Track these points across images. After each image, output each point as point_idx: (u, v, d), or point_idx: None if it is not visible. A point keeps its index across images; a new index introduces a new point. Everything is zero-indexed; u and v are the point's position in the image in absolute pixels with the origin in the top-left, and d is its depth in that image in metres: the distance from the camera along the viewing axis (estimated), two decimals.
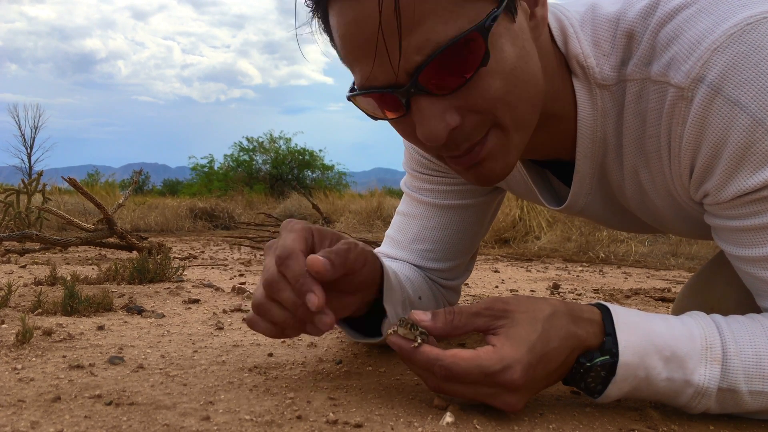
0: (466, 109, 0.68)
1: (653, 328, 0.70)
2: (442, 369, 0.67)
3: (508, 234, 4.95)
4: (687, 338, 0.70)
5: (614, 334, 0.69)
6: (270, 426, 0.67)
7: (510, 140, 0.72)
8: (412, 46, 0.63)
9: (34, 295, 1.46)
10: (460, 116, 0.68)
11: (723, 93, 0.67)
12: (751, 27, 0.66)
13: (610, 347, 0.69)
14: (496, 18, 0.64)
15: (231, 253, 3.47)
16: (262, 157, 20.02)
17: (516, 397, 0.68)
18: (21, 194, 3.96)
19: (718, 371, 0.68)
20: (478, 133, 0.71)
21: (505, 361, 0.66)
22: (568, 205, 0.90)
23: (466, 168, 0.75)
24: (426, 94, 0.67)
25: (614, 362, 0.68)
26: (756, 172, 0.67)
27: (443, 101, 0.67)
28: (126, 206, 6.59)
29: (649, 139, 0.76)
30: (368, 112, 0.74)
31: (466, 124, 0.69)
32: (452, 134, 0.69)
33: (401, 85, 0.66)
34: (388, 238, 1.12)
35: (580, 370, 0.70)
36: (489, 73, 0.66)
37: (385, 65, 0.65)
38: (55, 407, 0.70)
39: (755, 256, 0.72)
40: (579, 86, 0.78)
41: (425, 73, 0.65)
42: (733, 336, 0.70)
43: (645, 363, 0.68)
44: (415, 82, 0.65)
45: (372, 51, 0.65)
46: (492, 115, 0.69)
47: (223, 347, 1.06)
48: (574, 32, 0.77)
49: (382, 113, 0.72)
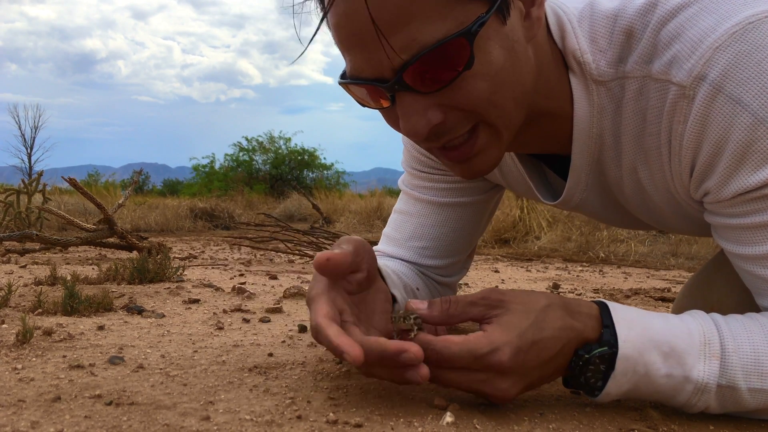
0: (449, 106, 0.70)
1: (651, 324, 0.71)
2: (433, 353, 0.68)
3: (508, 234, 4.95)
4: (685, 334, 0.70)
5: (612, 326, 0.70)
6: (270, 426, 0.67)
7: (499, 137, 0.74)
8: (398, 45, 0.64)
9: (34, 295, 1.46)
10: (442, 113, 0.70)
11: (725, 91, 0.67)
12: (753, 26, 0.66)
13: (609, 339, 0.69)
14: (484, 23, 0.65)
15: (231, 253, 3.47)
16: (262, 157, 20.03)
17: (507, 382, 0.69)
18: (21, 194, 3.96)
19: (716, 367, 0.68)
20: (460, 128, 0.72)
21: (494, 344, 0.67)
22: (564, 199, 0.90)
23: (454, 162, 0.77)
24: (410, 90, 0.68)
25: (613, 353, 0.69)
26: (757, 170, 0.67)
27: (427, 98, 0.68)
28: (126, 206, 6.59)
29: (648, 136, 0.76)
30: (357, 99, 0.75)
31: (449, 120, 0.71)
32: (434, 129, 0.71)
33: (387, 79, 0.67)
34: (385, 236, 1.12)
35: (579, 363, 0.70)
36: (474, 75, 0.67)
37: (372, 60, 0.66)
38: (55, 407, 0.70)
39: (755, 254, 0.72)
40: (575, 82, 0.78)
41: (410, 71, 0.66)
42: (731, 333, 0.70)
43: (644, 358, 0.68)
44: (400, 78, 0.66)
45: (360, 45, 0.66)
46: (476, 114, 0.70)
47: (223, 347, 1.06)
48: (571, 28, 0.77)
49: (369, 102, 0.73)
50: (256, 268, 2.62)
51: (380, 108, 0.74)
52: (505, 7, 0.67)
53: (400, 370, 0.68)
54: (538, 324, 0.69)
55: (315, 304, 0.73)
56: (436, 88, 0.67)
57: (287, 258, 3.30)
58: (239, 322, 1.33)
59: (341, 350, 0.66)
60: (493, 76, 0.68)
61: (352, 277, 0.78)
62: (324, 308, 0.72)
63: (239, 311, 1.46)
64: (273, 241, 3.93)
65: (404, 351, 0.66)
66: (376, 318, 0.80)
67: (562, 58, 0.78)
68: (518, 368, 0.68)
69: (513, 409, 0.74)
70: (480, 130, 0.72)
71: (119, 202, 3.44)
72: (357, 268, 0.78)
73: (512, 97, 0.71)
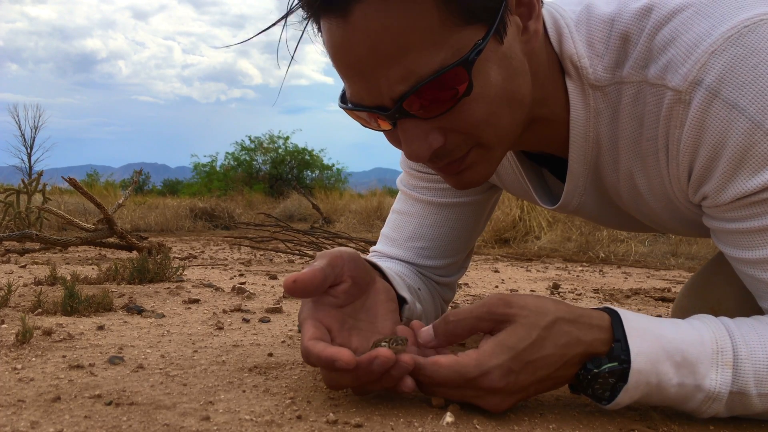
0: (450, 129, 0.70)
1: (663, 332, 0.69)
2: (424, 378, 0.69)
3: (508, 234, 4.95)
4: (697, 342, 0.69)
5: (624, 340, 0.68)
6: (270, 426, 0.67)
7: (492, 154, 0.75)
8: (396, 76, 0.65)
9: (34, 295, 1.46)
10: (443, 136, 0.71)
11: (721, 96, 0.66)
12: (749, 29, 0.66)
13: (619, 354, 0.68)
14: (481, 51, 0.65)
15: (231, 253, 3.47)
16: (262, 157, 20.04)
17: (498, 399, 0.69)
18: (21, 194, 3.96)
19: (729, 375, 0.67)
20: (459, 151, 0.73)
21: (483, 367, 0.67)
22: (562, 204, 0.90)
23: (446, 174, 0.78)
24: (410, 117, 0.68)
25: (624, 369, 0.67)
26: (755, 175, 0.67)
27: (427, 123, 0.69)
28: (126, 206, 6.59)
29: (645, 142, 0.76)
30: (360, 122, 0.75)
31: (449, 142, 0.72)
32: (435, 152, 0.72)
33: (387, 108, 0.68)
34: (383, 236, 1.12)
35: (587, 377, 0.69)
36: (473, 99, 0.67)
37: (371, 90, 0.67)
38: (55, 407, 0.70)
39: (755, 258, 0.71)
40: (572, 86, 0.78)
41: (409, 101, 0.66)
42: (743, 339, 0.69)
43: (657, 369, 0.67)
44: (400, 107, 0.67)
45: (357, 75, 0.67)
46: (475, 135, 0.71)
47: (223, 347, 1.06)
48: (569, 32, 0.77)
49: (371, 124, 0.74)
50: (256, 268, 2.62)
51: (382, 131, 0.75)
52: (502, 26, 0.67)
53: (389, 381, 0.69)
54: (538, 342, 0.67)
55: (302, 328, 0.74)
56: (435, 114, 0.68)
57: (287, 258, 3.30)
58: (239, 322, 1.33)
59: (332, 359, 0.66)
60: (492, 97, 0.68)
61: (335, 289, 0.77)
62: (310, 331, 0.73)
63: (239, 311, 1.46)
64: (273, 241, 3.93)
65: (375, 357, 0.66)
66: (379, 321, 0.80)
67: (558, 62, 0.78)
68: (510, 387, 0.68)
69: (513, 410, 0.74)
70: (471, 151, 0.73)
71: (119, 202, 3.44)
72: (338, 280, 0.77)
73: (510, 116, 0.71)
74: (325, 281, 0.75)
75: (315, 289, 0.74)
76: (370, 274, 0.83)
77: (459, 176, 0.77)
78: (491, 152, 0.74)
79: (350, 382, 0.70)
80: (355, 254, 0.81)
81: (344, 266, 0.77)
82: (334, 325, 0.76)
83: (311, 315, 0.75)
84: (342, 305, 0.78)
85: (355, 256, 0.80)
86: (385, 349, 0.67)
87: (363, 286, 0.81)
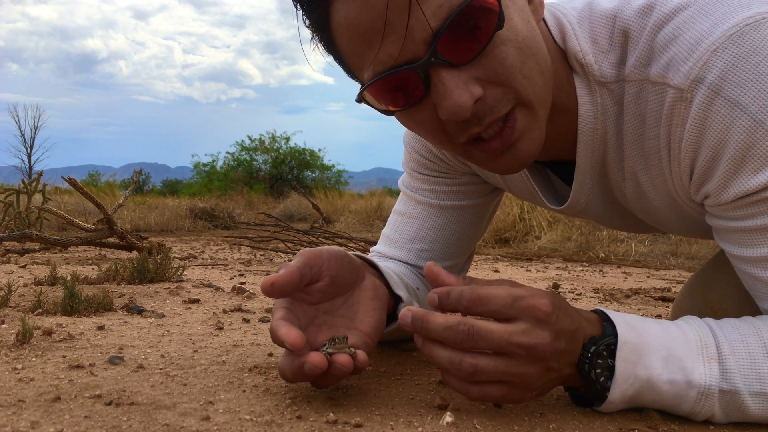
0: (486, 80, 0.68)
1: (648, 329, 0.71)
2: (470, 302, 0.67)
3: (509, 234, 4.95)
4: (682, 339, 0.70)
5: (611, 321, 0.71)
6: (270, 426, 0.67)
7: (537, 115, 0.72)
8: (427, 14, 0.63)
9: (34, 295, 1.46)
10: (481, 88, 0.67)
11: (723, 94, 0.66)
12: (751, 28, 0.66)
13: (612, 332, 0.70)
14: None
15: (231, 253, 3.47)
16: (262, 157, 20.04)
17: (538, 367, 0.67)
18: (21, 194, 3.96)
19: (716, 369, 0.68)
20: (502, 107, 0.69)
21: (535, 293, 0.68)
22: (570, 204, 0.90)
23: (497, 154, 0.73)
24: (445, 65, 0.66)
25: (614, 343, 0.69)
26: (757, 173, 0.67)
27: (463, 72, 0.66)
28: (126, 206, 6.59)
29: (648, 140, 0.76)
30: (382, 106, 0.73)
31: (488, 96, 0.68)
32: (476, 107, 0.68)
33: (419, 58, 0.66)
34: (384, 237, 1.12)
35: (588, 355, 0.69)
36: (504, 41, 0.66)
37: (399, 41, 0.65)
38: (55, 407, 0.70)
39: (756, 256, 0.72)
40: (579, 83, 0.78)
41: (443, 40, 0.64)
42: (725, 337, 0.70)
43: (644, 361, 0.68)
44: (434, 51, 0.64)
45: (386, 27, 0.64)
46: (512, 87, 0.68)
47: (223, 347, 1.06)
48: (572, 30, 0.77)
49: (396, 102, 0.71)
50: (256, 268, 2.62)
51: (411, 105, 0.71)
52: None
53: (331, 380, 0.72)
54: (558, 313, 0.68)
55: (273, 314, 0.76)
56: (471, 56, 0.66)
57: (287, 258, 3.30)
58: (239, 322, 1.33)
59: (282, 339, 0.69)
60: (520, 42, 0.67)
61: (311, 287, 0.78)
62: (279, 313, 0.75)
63: (239, 311, 1.46)
64: (273, 241, 3.93)
65: (304, 363, 0.68)
66: (359, 318, 0.79)
67: (565, 59, 0.78)
68: (554, 323, 0.67)
69: (513, 409, 0.74)
70: (517, 112, 0.70)
71: (119, 202, 3.44)
72: (315, 278, 0.78)
73: (539, 70, 0.70)
74: (302, 280, 0.75)
75: (292, 290, 0.75)
76: (357, 272, 0.82)
77: (511, 152, 0.73)
78: (535, 113, 0.71)
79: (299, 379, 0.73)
80: (340, 253, 0.80)
81: (323, 265, 0.78)
82: (304, 320, 0.78)
83: (283, 304, 0.77)
84: (316, 303, 0.79)
85: (338, 254, 0.80)
86: (315, 354, 0.68)
87: (345, 285, 0.80)
